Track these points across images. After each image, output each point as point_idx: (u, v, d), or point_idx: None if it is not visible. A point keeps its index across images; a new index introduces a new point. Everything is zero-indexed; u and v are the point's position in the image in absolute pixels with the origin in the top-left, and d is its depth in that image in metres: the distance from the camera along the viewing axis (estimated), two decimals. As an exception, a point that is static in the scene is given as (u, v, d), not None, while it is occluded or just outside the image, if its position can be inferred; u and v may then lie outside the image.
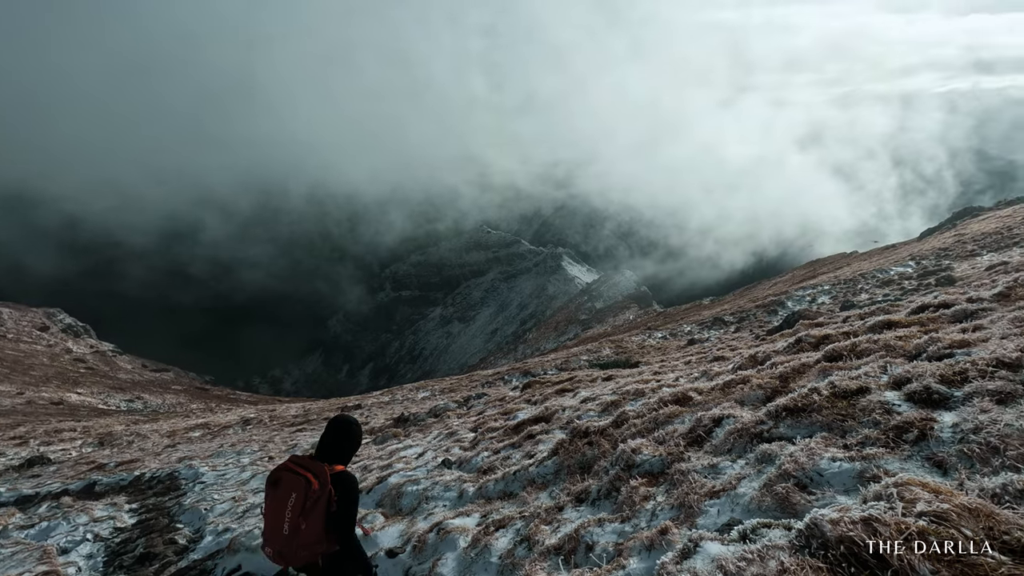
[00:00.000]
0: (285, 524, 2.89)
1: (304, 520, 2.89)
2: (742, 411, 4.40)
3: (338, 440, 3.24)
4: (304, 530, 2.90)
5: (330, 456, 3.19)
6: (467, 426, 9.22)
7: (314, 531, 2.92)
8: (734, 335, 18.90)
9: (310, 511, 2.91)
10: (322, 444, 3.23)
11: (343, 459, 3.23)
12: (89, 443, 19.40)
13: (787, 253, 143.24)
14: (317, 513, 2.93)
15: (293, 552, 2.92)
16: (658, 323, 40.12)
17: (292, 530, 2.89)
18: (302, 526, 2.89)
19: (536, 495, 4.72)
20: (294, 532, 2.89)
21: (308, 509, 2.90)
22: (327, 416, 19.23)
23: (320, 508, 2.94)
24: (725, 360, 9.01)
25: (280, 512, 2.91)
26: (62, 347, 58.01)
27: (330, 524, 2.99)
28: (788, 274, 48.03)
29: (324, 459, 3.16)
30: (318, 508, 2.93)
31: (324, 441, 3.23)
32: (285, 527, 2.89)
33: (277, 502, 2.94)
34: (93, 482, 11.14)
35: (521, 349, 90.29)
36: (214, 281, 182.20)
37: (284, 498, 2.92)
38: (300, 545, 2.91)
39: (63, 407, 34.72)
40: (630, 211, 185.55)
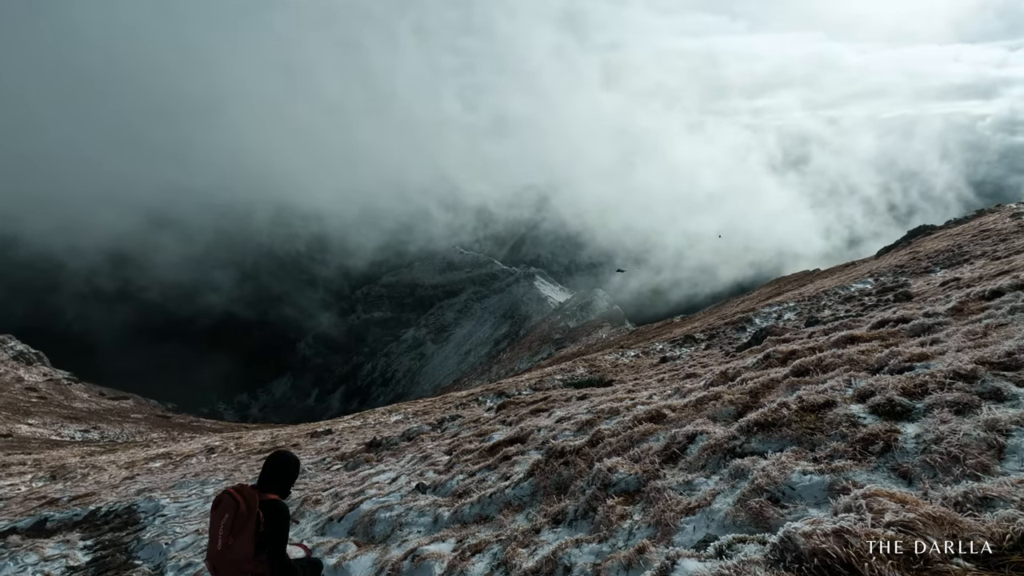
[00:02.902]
0: (219, 541, 3.20)
1: (233, 539, 3.20)
2: (715, 427, 4.46)
3: (274, 473, 3.55)
4: (233, 547, 3.19)
5: (267, 486, 3.49)
6: (441, 449, 9.08)
7: (242, 550, 3.20)
8: (705, 352, 19.18)
9: (239, 531, 3.21)
10: (262, 476, 3.54)
11: (280, 490, 3.54)
12: (40, 477, 18.40)
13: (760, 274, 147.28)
14: (246, 534, 3.21)
15: (224, 567, 3.21)
16: (631, 341, 40.48)
17: (224, 547, 3.19)
18: (230, 543, 3.20)
19: (513, 517, 4.66)
20: (225, 549, 3.19)
21: (237, 529, 3.21)
22: (296, 443, 18.70)
23: (248, 530, 3.22)
24: (697, 377, 9.12)
25: (216, 530, 3.22)
26: (12, 375, 55.19)
27: (260, 546, 3.28)
28: (755, 292, 49.22)
29: (262, 488, 3.47)
30: (246, 530, 3.22)
31: (263, 474, 3.55)
32: (218, 543, 3.20)
33: (215, 520, 3.25)
34: (44, 518, 10.52)
35: (495, 369, 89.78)
36: (173, 305, 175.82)
37: (219, 517, 3.24)
38: (229, 561, 3.20)
39: (12, 439, 32.89)
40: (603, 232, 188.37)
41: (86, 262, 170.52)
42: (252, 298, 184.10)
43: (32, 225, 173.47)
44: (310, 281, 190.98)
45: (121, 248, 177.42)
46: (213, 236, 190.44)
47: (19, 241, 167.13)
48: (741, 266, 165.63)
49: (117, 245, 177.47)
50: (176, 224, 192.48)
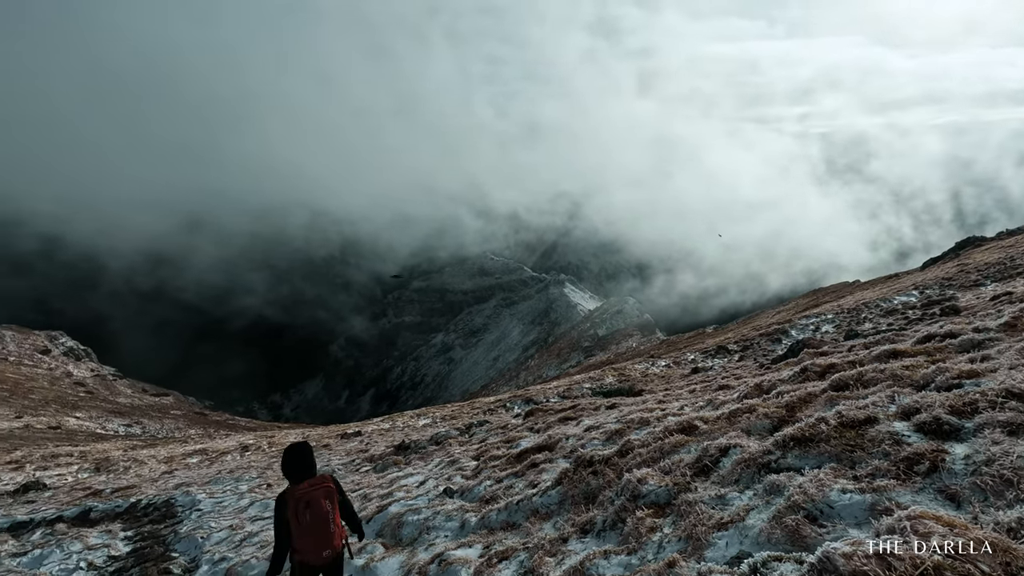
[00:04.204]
0: (332, 524, 3.77)
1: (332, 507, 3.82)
2: (749, 441, 4.35)
3: (310, 459, 3.99)
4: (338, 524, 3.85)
5: (310, 472, 3.95)
6: (469, 454, 9.10)
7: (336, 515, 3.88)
8: (738, 364, 18.75)
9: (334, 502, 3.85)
10: (302, 466, 3.93)
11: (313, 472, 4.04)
12: (86, 468, 19.18)
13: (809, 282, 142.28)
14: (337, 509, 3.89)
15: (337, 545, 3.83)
16: (661, 351, 39.90)
17: (336, 527, 3.81)
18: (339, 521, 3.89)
19: (540, 526, 4.63)
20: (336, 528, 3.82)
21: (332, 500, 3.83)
22: (326, 443, 19.01)
23: (336, 504, 3.89)
24: (730, 389, 8.93)
25: (326, 519, 3.75)
26: (63, 370, 57.82)
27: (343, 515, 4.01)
28: (791, 303, 47.95)
29: (309, 476, 3.92)
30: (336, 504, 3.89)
31: (303, 463, 3.94)
32: (332, 527, 3.77)
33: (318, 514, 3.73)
34: (88, 508, 10.97)
35: (523, 376, 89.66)
36: (209, 306, 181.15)
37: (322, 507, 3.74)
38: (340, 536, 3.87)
39: (61, 432, 34.42)
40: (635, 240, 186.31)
41: (126, 262, 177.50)
42: (286, 301, 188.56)
43: (77, 226, 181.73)
44: (343, 285, 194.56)
45: (159, 249, 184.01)
46: (248, 239, 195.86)
47: (64, 242, 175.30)
48: (792, 274, 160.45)
49: (155, 246, 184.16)
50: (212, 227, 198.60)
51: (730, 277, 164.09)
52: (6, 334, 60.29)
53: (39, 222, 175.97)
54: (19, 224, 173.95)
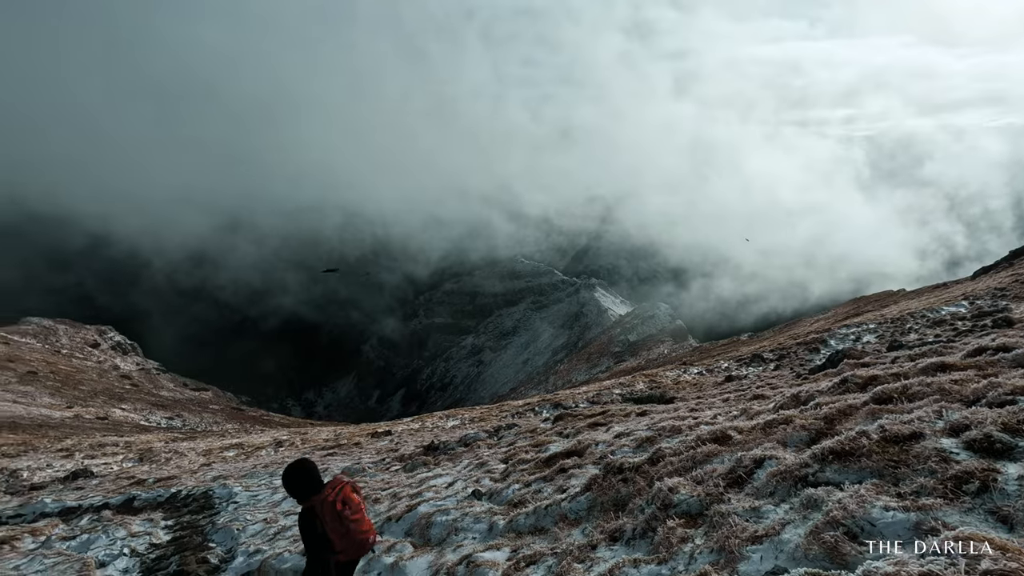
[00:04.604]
0: (366, 512, 4.00)
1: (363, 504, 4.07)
2: (785, 453, 4.24)
3: (317, 473, 3.99)
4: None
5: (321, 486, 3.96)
6: (497, 457, 9.12)
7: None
8: (774, 373, 18.28)
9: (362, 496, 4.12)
10: (311, 482, 3.92)
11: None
12: (130, 458, 19.96)
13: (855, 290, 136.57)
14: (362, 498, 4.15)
15: (373, 530, 4.05)
16: (694, 358, 39.20)
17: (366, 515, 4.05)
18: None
19: (568, 531, 4.61)
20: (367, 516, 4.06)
21: (361, 495, 4.06)
22: (357, 441, 19.33)
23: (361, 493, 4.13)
24: (765, 399, 8.71)
25: (361, 509, 3.93)
26: (110, 364, 60.43)
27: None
28: (831, 311, 46.48)
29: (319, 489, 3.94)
30: (361, 493, 4.11)
31: (312, 478, 3.93)
32: (366, 514, 4.01)
33: (354, 507, 3.89)
34: (132, 497, 11.42)
35: (552, 380, 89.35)
36: (246, 304, 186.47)
37: (354, 500, 3.91)
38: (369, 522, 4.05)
39: (107, 422, 35.96)
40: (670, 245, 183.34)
41: (168, 261, 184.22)
42: (320, 300, 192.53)
43: (123, 224, 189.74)
44: (376, 285, 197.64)
45: (200, 248, 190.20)
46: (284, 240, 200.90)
47: (112, 239, 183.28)
48: (837, 281, 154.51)
49: (196, 245, 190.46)
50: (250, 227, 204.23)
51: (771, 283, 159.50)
52: (60, 328, 63.35)
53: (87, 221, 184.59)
54: (68, 223, 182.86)
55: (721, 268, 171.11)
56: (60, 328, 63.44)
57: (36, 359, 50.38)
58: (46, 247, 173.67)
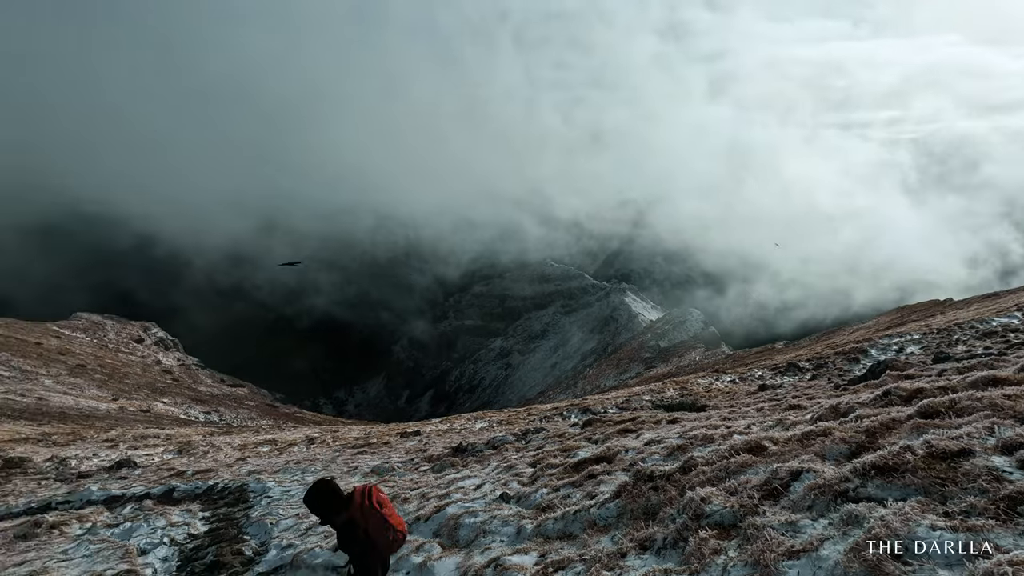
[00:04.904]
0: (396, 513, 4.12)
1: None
2: (823, 466, 4.11)
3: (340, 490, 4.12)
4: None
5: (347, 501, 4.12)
6: (525, 461, 9.10)
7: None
8: (810, 383, 17.75)
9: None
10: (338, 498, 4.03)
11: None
12: (170, 450, 20.67)
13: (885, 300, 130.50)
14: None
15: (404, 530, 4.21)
16: (726, 366, 38.41)
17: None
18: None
19: (597, 538, 4.57)
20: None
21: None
22: (387, 441, 19.57)
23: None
24: (802, 409, 8.47)
25: (390, 503, 4.12)
26: (154, 359, 62.75)
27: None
28: (872, 320, 44.92)
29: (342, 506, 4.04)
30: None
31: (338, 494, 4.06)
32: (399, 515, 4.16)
33: (387, 503, 4.09)
34: (172, 488, 11.82)
35: (580, 385, 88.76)
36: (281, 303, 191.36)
37: (384, 496, 4.11)
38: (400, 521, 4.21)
39: (150, 415, 37.34)
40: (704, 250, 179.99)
41: (208, 260, 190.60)
42: (353, 301, 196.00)
43: (167, 225, 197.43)
44: (408, 288, 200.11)
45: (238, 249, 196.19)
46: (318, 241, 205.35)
47: (156, 239, 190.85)
48: (882, 289, 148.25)
49: (235, 246, 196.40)
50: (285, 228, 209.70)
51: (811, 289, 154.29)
52: (107, 323, 66.12)
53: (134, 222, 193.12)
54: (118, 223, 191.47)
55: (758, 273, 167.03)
56: (108, 323, 66.23)
57: (85, 353, 52.70)
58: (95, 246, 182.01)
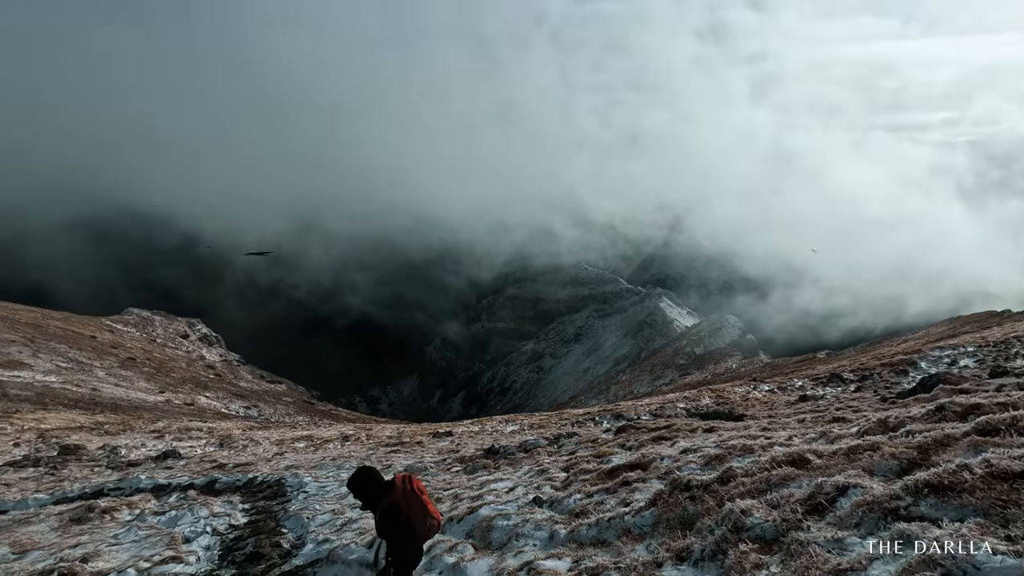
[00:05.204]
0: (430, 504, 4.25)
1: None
2: (872, 482, 3.95)
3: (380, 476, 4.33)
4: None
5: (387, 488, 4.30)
6: (558, 465, 9.05)
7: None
8: (854, 395, 17.11)
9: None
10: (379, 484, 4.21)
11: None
12: (212, 443, 21.39)
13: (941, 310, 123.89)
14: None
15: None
16: (764, 375, 37.38)
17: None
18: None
19: (632, 546, 4.50)
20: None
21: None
22: (419, 440, 19.78)
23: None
24: (846, 422, 8.17)
25: (426, 492, 4.26)
26: (198, 354, 65.12)
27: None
28: (921, 331, 43.01)
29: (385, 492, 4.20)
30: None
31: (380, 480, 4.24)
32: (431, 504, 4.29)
33: (425, 491, 4.26)
34: (214, 480, 12.22)
35: (613, 390, 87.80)
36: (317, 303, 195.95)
37: (422, 486, 4.26)
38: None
39: (193, 408, 38.76)
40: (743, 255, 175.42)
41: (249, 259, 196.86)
42: (387, 301, 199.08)
43: (210, 225, 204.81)
44: (441, 289, 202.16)
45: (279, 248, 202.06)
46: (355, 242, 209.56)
47: (200, 238, 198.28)
48: (939, 298, 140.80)
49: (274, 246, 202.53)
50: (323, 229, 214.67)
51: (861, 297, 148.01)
52: (156, 319, 68.97)
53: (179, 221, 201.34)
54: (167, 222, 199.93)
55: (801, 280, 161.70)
56: (156, 319, 69.08)
57: (135, 347, 55.10)
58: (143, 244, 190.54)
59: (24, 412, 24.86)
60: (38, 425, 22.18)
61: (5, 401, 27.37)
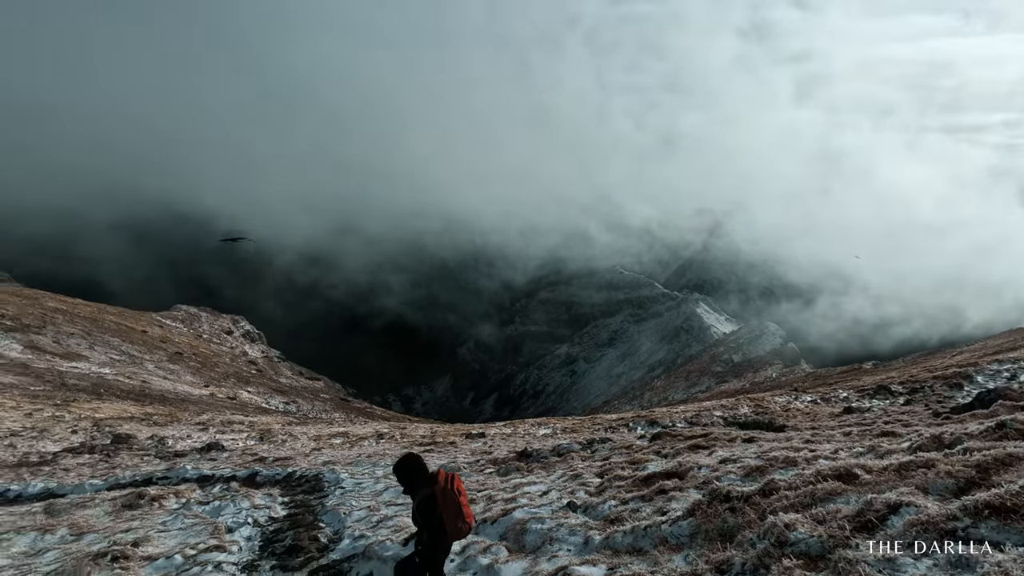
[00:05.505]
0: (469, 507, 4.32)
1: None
2: (926, 500, 3.78)
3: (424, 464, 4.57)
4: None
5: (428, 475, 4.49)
6: (592, 470, 8.98)
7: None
8: (904, 408, 16.38)
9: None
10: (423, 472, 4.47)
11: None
12: (253, 437, 22.06)
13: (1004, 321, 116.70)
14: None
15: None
16: (806, 385, 36.18)
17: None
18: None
19: (669, 556, 4.42)
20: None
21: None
22: (452, 441, 19.92)
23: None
24: (896, 436, 7.83)
25: (465, 494, 4.32)
26: (240, 350, 67.32)
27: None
28: (979, 344, 40.86)
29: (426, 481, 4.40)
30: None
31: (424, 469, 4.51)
32: (471, 509, 4.37)
33: (464, 492, 4.34)
34: (255, 472, 12.60)
35: (647, 396, 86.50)
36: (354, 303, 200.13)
37: (463, 488, 4.33)
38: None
39: (236, 402, 40.08)
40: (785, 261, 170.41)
41: (288, 259, 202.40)
42: (422, 302, 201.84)
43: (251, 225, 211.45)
44: (475, 291, 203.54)
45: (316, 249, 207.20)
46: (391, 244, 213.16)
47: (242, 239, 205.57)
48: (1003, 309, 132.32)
49: (313, 247, 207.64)
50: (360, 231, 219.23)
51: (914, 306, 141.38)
52: (202, 315, 71.65)
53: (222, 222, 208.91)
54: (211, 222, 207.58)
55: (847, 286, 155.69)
56: (202, 315, 71.80)
57: (182, 342, 57.38)
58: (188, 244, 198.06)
59: (81, 401, 26.20)
60: (93, 414, 23.33)
61: (64, 390, 28.92)
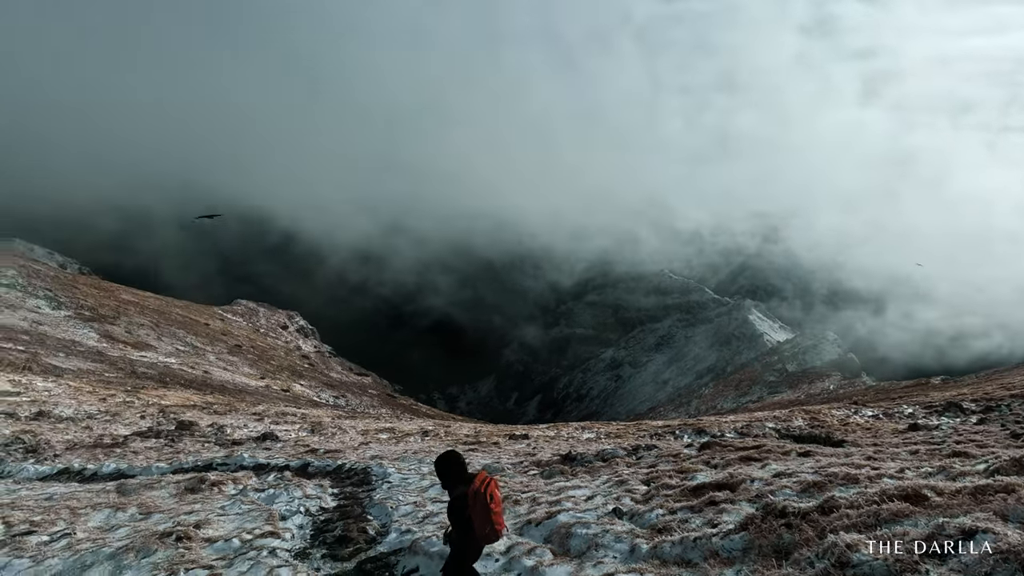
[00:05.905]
0: (502, 514, 4.26)
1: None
2: (1006, 528, 3.52)
3: (464, 463, 4.57)
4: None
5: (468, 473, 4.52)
6: (638, 477, 8.83)
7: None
8: (977, 428, 15.31)
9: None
10: (462, 470, 4.50)
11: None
12: (304, 428, 22.85)
13: None
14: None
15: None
16: (867, 398, 34.40)
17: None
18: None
19: (720, 570, 4.30)
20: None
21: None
22: (496, 441, 20.01)
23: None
24: (970, 457, 7.33)
25: (500, 502, 4.26)
26: (294, 344, 69.94)
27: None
28: (1062, 360, 37.78)
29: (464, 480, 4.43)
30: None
31: (463, 467, 4.52)
32: (503, 518, 4.29)
33: (498, 500, 4.26)
34: (307, 463, 13.06)
35: (695, 404, 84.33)
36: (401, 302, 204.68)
37: (497, 495, 4.26)
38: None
39: (289, 395, 41.66)
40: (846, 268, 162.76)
41: (340, 258, 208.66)
42: (468, 303, 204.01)
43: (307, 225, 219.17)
44: (521, 293, 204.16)
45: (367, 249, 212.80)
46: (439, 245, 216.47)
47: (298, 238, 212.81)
48: None
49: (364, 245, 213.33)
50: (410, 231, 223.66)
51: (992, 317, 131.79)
52: (260, 310, 74.88)
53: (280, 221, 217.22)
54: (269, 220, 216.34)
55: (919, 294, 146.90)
56: (260, 310, 75.05)
57: (241, 335, 60.14)
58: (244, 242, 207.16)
59: (149, 389, 27.86)
60: (159, 401, 24.76)
61: (134, 378, 30.85)
